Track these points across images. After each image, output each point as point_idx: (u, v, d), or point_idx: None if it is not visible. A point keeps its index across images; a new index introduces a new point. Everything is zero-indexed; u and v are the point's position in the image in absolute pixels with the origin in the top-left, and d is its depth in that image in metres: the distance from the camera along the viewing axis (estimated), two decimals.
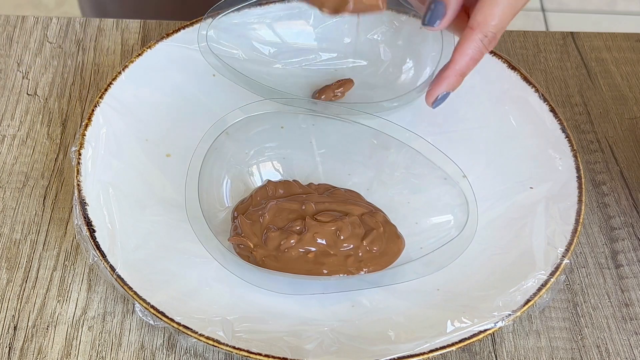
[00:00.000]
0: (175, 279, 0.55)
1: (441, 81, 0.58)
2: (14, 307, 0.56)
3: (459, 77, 0.58)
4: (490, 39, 0.56)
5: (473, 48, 0.57)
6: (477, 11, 0.56)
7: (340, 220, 0.56)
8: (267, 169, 0.62)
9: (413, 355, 0.50)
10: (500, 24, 0.56)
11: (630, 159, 0.68)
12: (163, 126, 0.64)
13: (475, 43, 0.56)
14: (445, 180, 0.59)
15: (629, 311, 0.58)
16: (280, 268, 0.54)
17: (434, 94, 0.58)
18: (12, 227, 0.61)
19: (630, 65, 0.75)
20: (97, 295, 0.57)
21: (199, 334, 0.51)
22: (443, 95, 0.58)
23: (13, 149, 0.65)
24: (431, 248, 0.56)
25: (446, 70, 0.58)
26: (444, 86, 0.58)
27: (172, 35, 0.67)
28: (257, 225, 0.56)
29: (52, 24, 0.75)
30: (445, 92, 0.58)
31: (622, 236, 0.63)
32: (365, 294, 0.56)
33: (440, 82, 0.58)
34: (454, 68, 0.57)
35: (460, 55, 0.57)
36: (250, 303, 0.55)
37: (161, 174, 0.61)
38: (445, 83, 0.58)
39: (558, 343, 0.56)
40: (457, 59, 0.57)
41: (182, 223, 0.56)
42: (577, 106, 0.71)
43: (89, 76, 0.71)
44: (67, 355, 0.54)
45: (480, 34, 0.56)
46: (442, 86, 0.58)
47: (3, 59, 0.72)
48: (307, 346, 0.52)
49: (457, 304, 0.54)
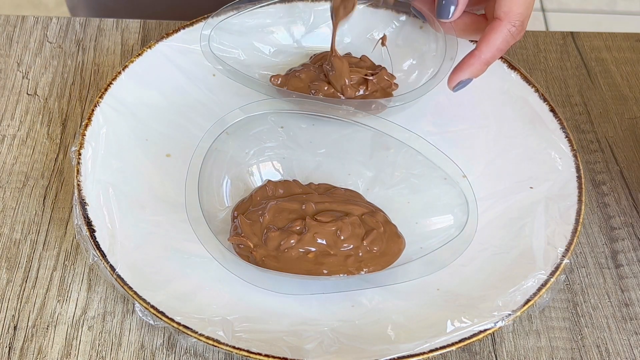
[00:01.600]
0: (175, 279, 0.55)
1: (465, 67, 0.59)
2: (14, 307, 0.56)
3: (483, 66, 0.59)
4: (518, 29, 0.57)
5: (501, 38, 0.57)
6: (502, 1, 0.56)
7: (341, 221, 0.56)
8: (267, 168, 0.62)
9: (413, 355, 0.50)
10: (526, 11, 0.57)
11: (630, 159, 0.68)
12: (163, 126, 0.64)
13: (503, 34, 0.57)
14: (445, 180, 0.59)
15: (629, 311, 0.58)
16: (280, 268, 0.54)
17: (457, 79, 0.60)
18: (12, 227, 0.61)
19: (630, 65, 0.75)
20: (97, 295, 0.57)
21: (199, 333, 0.51)
22: (465, 81, 0.59)
23: (13, 149, 0.65)
24: (431, 248, 0.56)
25: (471, 57, 0.58)
26: (468, 73, 0.59)
27: (172, 35, 0.67)
28: (257, 225, 0.56)
29: (52, 24, 0.75)
30: (468, 79, 0.59)
31: (622, 236, 0.63)
32: (365, 294, 0.56)
33: (464, 68, 0.59)
34: (480, 57, 0.58)
35: (487, 45, 0.57)
36: (250, 303, 0.55)
37: (161, 174, 0.61)
38: (469, 70, 0.59)
39: (558, 343, 0.56)
40: (483, 49, 0.58)
41: (182, 223, 0.56)
42: (577, 106, 0.71)
43: (89, 76, 0.71)
44: (67, 355, 0.54)
45: (509, 24, 0.56)
46: (465, 72, 0.59)
47: (3, 59, 0.72)
48: (307, 346, 0.52)
49: (457, 304, 0.54)
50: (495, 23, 0.57)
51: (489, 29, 0.57)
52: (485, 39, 0.58)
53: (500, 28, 0.57)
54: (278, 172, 0.62)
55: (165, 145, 0.63)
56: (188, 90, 0.66)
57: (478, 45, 0.58)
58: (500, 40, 0.57)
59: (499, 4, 0.56)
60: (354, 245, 0.55)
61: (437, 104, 0.66)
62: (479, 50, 0.58)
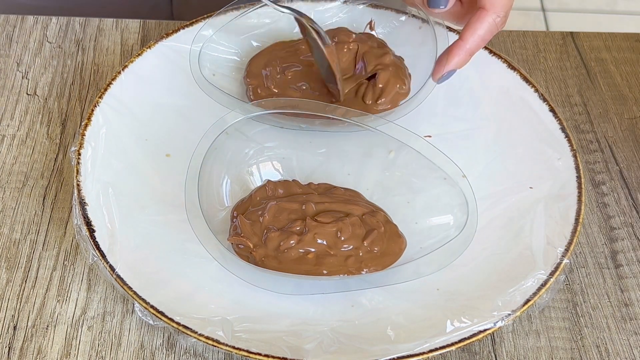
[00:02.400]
0: (175, 279, 0.55)
1: (450, 58, 0.59)
2: (14, 307, 0.56)
3: (467, 56, 0.59)
4: (502, 19, 0.57)
5: (485, 28, 0.57)
6: None
7: (341, 221, 0.56)
8: (267, 168, 0.62)
9: (413, 355, 0.50)
10: (509, 2, 0.57)
11: (630, 159, 0.68)
12: (163, 126, 0.64)
13: (488, 23, 0.57)
14: (445, 180, 0.59)
15: (628, 311, 0.58)
16: (280, 268, 0.54)
17: (441, 70, 0.59)
18: (12, 227, 0.61)
19: (630, 65, 0.75)
20: (96, 295, 0.57)
21: (199, 333, 0.51)
22: (450, 72, 0.59)
23: (13, 149, 0.65)
24: (431, 248, 0.56)
25: (455, 48, 0.58)
26: (453, 64, 0.59)
27: (172, 35, 0.67)
28: (257, 225, 0.56)
29: (52, 24, 0.75)
30: (452, 70, 0.59)
31: (621, 236, 0.63)
32: (365, 294, 0.56)
33: (450, 59, 0.59)
34: (465, 47, 0.58)
35: (471, 35, 0.57)
36: (250, 303, 0.55)
37: (161, 174, 0.61)
38: (454, 61, 0.59)
39: (558, 343, 0.56)
40: (468, 38, 0.58)
41: (182, 223, 0.56)
42: (576, 106, 0.71)
43: (89, 76, 0.71)
44: (66, 355, 0.54)
45: (494, 14, 0.57)
46: (451, 64, 0.59)
47: (3, 59, 0.72)
48: (306, 346, 0.52)
49: (457, 304, 0.54)
50: (480, 13, 0.57)
51: (474, 19, 0.58)
52: (470, 28, 0.58)
53: (485, 18, 0.57)
54: (278, 172, 0.62)
55: (165, 145, 0.63)
56: (188, 90, 0.66)
57: (463, 36, 0.58)
58: (485, 30, 0.58)
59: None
60: (354, 245, 0.55)
61: (436, 104, 0.66)
62: (463, 40, 0.58)
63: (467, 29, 0.58)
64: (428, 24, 0.65)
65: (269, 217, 0.56)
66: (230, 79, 0.67)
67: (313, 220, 0.56)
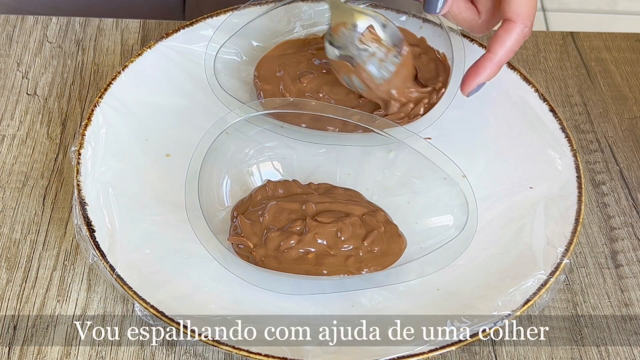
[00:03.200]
0: (175, 279, 0.55)
1: (481, 71, 0.58)
2: (14, 307, 0.56)
3: (497, 69, 0.58)
4: (529, 29, 0.57)
5: (513, 40, 0.57)
6: (512, 2, 0.56)
7: (341, 221, 0.56)
8: (267, 168, 0.62)
9: (413, 355, 0.50)
10: (534, 11, 0.57)
11: (630, 159, 0.68)
12: (163, 126, 0.64)
13: (516, 34, 0.57)
14: (445, 181, 0.59)
15: (628, 311, 0.58)
16: (280, 268, 0.54)
17: (473, 84, 0.59)
18: (12, 227, 0.61)
19: (630, 65, 0.75)
20: (97, 295, 0.57)
21: (199, 333, 0.51)
22: (479, 85, 0.59)
23: (13, 149, 0.65)
24: (431, 248, 0.56)
25: (485, 61, 0.58)
26: (483, 77, 0.59)
27: (172, 35, 0.67)
28: (257, 225, 0.56)
29: (52, 24, 0.75)
30: (483, 83, 0.59)
31: (621, 236, 0.63)
32: (365, 294, 0.56)
33: (480, 72, 0.58)
34: (494, 60, 0.58)
35: (500, 47, 0.57)
36: (250, 303, 0.55)
37: (161, 174, 0.61)
38: (485, 74, 0.58)
39: (558, 343, 0.56)
40: (497, 51, 0.57)
41: (182, 223, 0.56)
42: (576, 106, 0.71)
43: (89, 76, 0.71)
44: (66, 355, 0.54)
45: (522, 25, 0.56)
46: (480, 77, 0.59)
47: (3, 59, 0.72)
48: (306, 346, 0.52)
49: (457, 304, 0.54)
50: (508, 24, 0.57)
51: (501, 31, 0.57)
52: (498, 41, 0.57)
53: (514, 29, 0.57)
54: (278, 172, 0.62)
55: (165, 145, 0.63)
56: (188, 90, 0.66)
57: (492, 48, 0.58)
58: (513, 42, 0.57)
59: (509, 5, 0.56)
60: (354, 245, 0.55)
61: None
62: (493, 53, 0.58)
63: (495, 41, 0.57)
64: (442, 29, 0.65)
65: (269, 217, 0.56)
66: (231, 79, 0.67)
67: (313, 220, 0.56)
